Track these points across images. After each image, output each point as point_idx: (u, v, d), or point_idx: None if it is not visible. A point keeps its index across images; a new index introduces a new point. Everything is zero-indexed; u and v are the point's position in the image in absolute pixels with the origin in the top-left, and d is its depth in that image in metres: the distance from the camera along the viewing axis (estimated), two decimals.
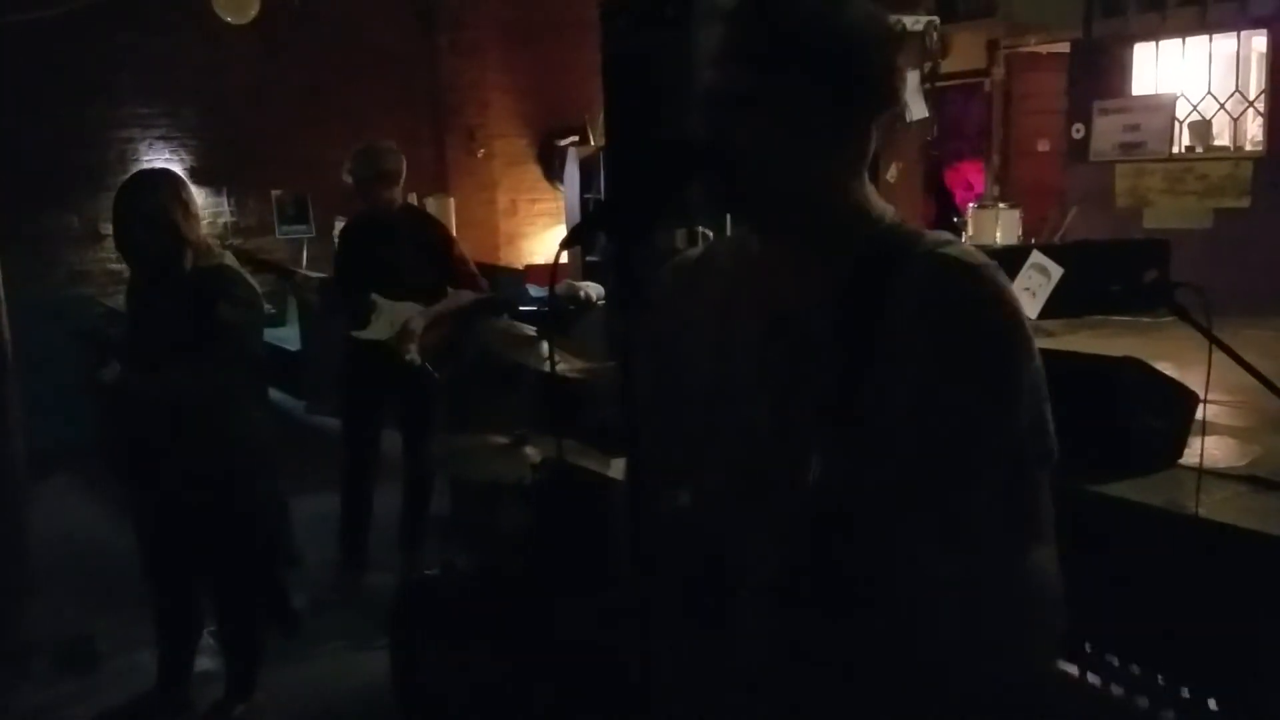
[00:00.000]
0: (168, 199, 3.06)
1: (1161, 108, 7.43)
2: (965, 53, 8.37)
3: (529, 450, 3.06)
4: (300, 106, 8.45)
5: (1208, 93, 7.39)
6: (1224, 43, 7.29)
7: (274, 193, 8.30)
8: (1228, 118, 7.38)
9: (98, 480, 5.42)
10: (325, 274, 4.77)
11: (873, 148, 1.27)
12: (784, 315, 1.27)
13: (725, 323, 1.33)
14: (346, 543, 4.48)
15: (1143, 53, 7.60)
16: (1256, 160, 7.02)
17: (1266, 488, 2.56)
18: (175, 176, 3.30)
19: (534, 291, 6.90)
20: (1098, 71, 7.77)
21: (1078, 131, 7.82)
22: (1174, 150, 7.42)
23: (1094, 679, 2.60)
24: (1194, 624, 2.34)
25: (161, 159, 8.00)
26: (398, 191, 4.43)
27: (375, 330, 4.31)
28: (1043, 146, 8.84)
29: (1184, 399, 2.65)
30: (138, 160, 7.86)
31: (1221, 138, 7.42)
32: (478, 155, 9.65)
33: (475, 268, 4.62)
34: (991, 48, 8.68)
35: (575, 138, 9.30)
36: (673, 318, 1.41)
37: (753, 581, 1.27)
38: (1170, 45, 7.48)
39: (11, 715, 3.48)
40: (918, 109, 5.84)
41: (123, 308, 3.56)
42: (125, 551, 3.43)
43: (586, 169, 8.45)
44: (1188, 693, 2.45)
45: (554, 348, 3.56)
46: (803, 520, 1.20)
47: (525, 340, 3.53)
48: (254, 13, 6.97)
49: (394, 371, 4.32)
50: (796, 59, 1.19)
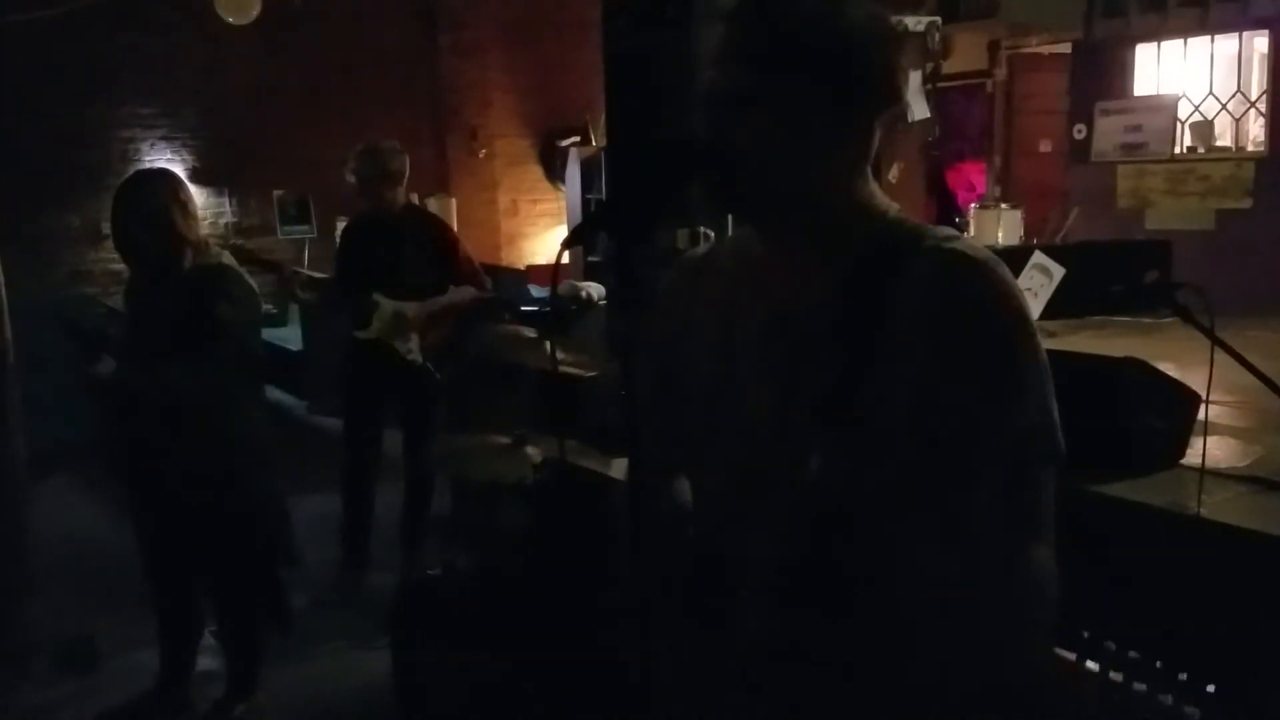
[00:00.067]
0: (166, 198, 3.06)
1: (1163, 108, 7.43)
2: (967, 53, 8.36)
3: (530, 450, 3.06)
4: (301, 106, 8.45)
5: (1209, 93, 7.39)
6: (1226, 43, 7.28)
7: (275, 193, 8.30)
8: (1229, 118, 7.38)
9: (98, 480, 5.42)
10: (326, 274, 4.77)
11: (875, 147, 1.26)
12: (786, 313, 1.26)
13: (728, 322, 1.33)
14: (347, 542, 4.49)
15: (1144, 53, 7.59)
16: (1258, 161, 7.01)
17: (1268, 488, 2.56)
18: (173, 176, 3.30)
19: (535, 292, 6.91)
20: (1099, 72, 7.77)
21: (1079, 132, 7.82)
22: (1175, 151, 7.42)
23: (1092, 665, 2.60)
24: (1196, 625, 2.33)
25: (163, 159, 8.01)
26: (401, 191, 4.43)
27: (377, 330, 4.31)
28: (1044, 147, 8.84)
29: (1185, 399, 2.66)
30: (139, 160, 7.86)
31: (1223, 138, 7.41)
32: (479, 155, 9.65)
33: (479, 267, 4.63)
34: (993, 48, 8.68)
35: (576, 138, 9.30)
36: (676, 317, 1.41)
37: (753, 580, 1.26)
38: (1172, 46, 7.48)
39: (11, 715, 3.48)
40: (919, 109, 5.84)
41: (123, 308, 3.56)
42: (125, 551, 3.43)
43: (588, 169, 8.46)
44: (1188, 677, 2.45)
45: (556, 348, 3.55)
46: (803, 519, 1.20)
47: (527, 340, 3.53)
48: (255, 13, 6.96)
49: (395, 371, 4.33)
50: (797, 59, 1.18)
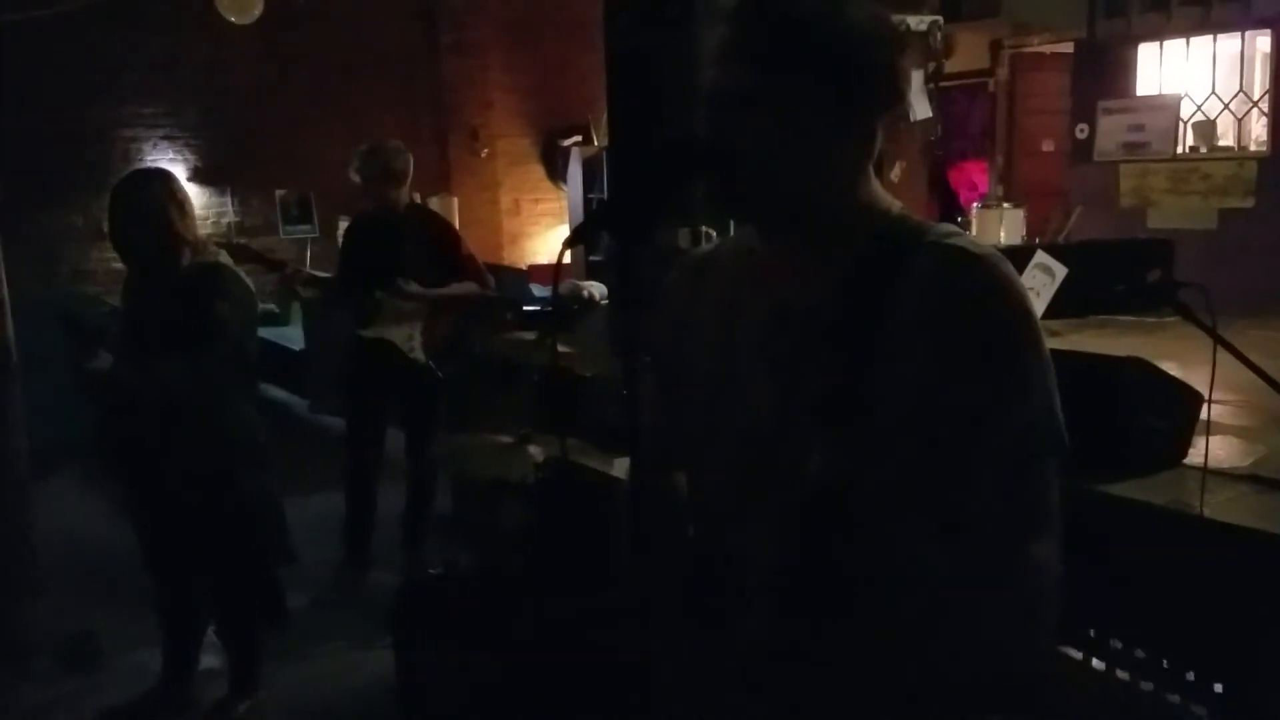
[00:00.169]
0: (163, 198, 3.08)
1: (1165, 108, 7.42)
2: (969, 53, 8.35)
3: (532, 449, 3.06)
4: (303, 106, 8.46)
5: (1212, 93, 7.38)
6: (1228, 43, 7.27)
7: (278, 192, 8.31)
8: (1232, 118, 7.37)
9: (99, 479, 5.42)
10: (328, 273, 4.77)
11: (878, 147, 1.26)
12: (788, 311, 1.27)
13: (729, 320, 1.33)
14: (349, 541, 4.49)
15: (1146, 53, 7.59)
16: (1261, 160, 7.01)
17: (1271, 488, 2.55)
18: (170, 175, 3.31)
19: (537, 291, 6.90)
20: (1102, 71, 7.76)
21: (1081, 131, 7.81)
22: (1178, 150, 7.41)
23: (1099, 664, 2.60)
24: (1199, 624, 2.33)
25: (165, 159, 8.02)
26: (405, 191, 4.43)
27: (379, 329, 4.32)
28: (1047, 146, 8.84)
29: (1188, 399, 2.65)
30: (141, 160, 7.87)
31: (1226, 138, 7.41)
32: (481, 155, 9.66)
33: (483, 266, 4.63)
34: (995, 48, 8.68)
35: (578, 137, 9.30)
36: (678, 315, 1.41)
37: (753, 579, 1.26)
38: (1174, 45, 7.47)
39: (12, 714, 3.48)
40: (922, 109, 5.84)
41: (120, 305, 3.57)
42: (127, 550, 3.43)
43: (589, 168, 8.46)
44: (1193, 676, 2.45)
45: (558, 346, 3.56)
46: (804, 517, 1.20)
47: (528, 340, 3.54)
48: (257, 13, 6.97)
49: (397, 370, 4.33)
50: (799, 58, 1.18)
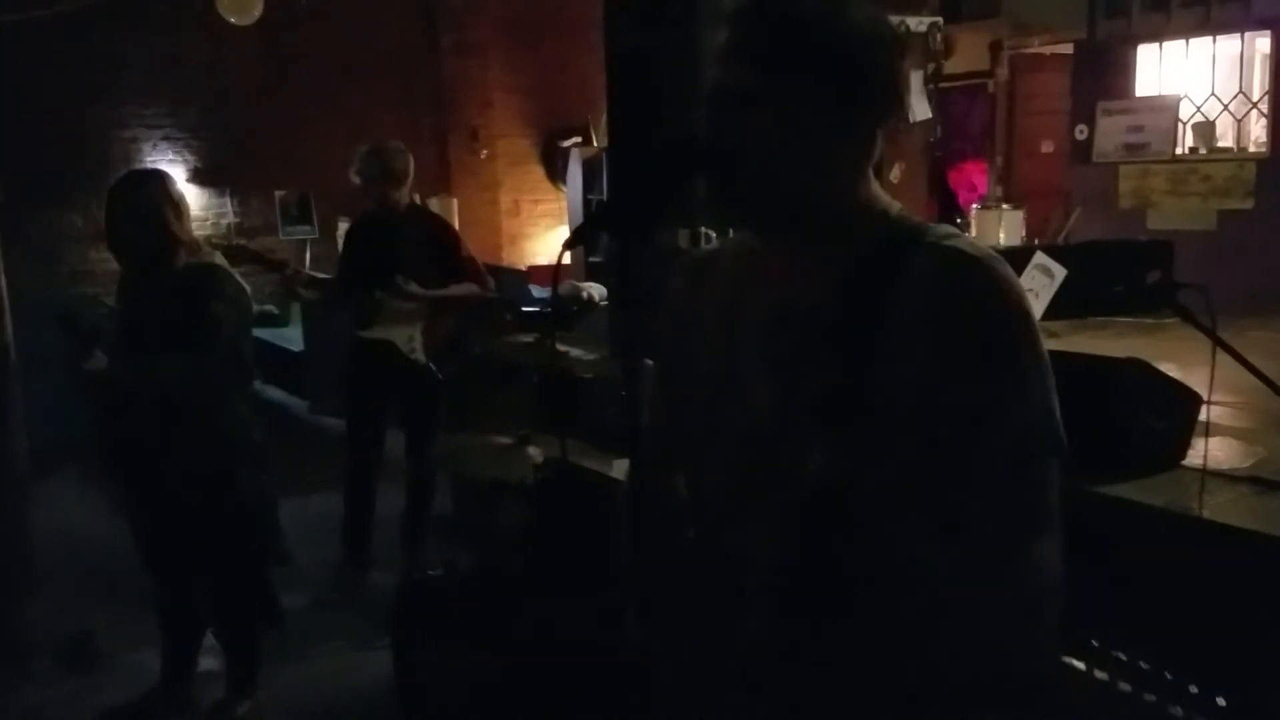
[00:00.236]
0: (158, 197, 3.09)
1: (1165, 109, 7.43)
2: (969, 54, 8.36)
3: (531, 450, 3.06)
4: (303, 107, 8.46)
5: (1211, 94, 7.38)
6: (1228, 44, 7.27)
7: (277, 193, 8.31)
8: (1231, 119, 7.37)
9: (99, 478, 5.42)
10: (328, 274, 4.77)
11: (878, 148, 1.27)
12: (787, 311, 1.27)
13: (729, 320, 1.33)
14: (349, 542, 4.49)
15: (1146, 54, 7.59)
16: (1260, 161, 7.01)
17: (1270, 489, 2.55)
18: (165, 175, 3.31)
19: (537, 292, 6.91)
20: (1101, 72, 7.76)
21: (1081, 132, 7.81)
22: (1178, 151, 7.41)
23: (1101, 675, 2.60)
24: (1198, 626, 2.33)
25: (165, 159, 8.01)
26: (405, 191, 4.43)
27: (379, 330, 4.32)
28: (1046, 147, 8.84)
29: (1187, 400, 2.65)
30: (141, 160, 7.86)
31: (1225, 139, 7.41)
32: (480, 156, 9.66)
33: (483, 267, 4.63)
34: (995, 49, 8.68)
35: (578, 138, 9.31)
36: (679, 316, 1.42)
37: (754, 578, 1.26)
38: (1174, 46, 7.47)
39: (13, 714, 3.48)
40: (921, 110, 5.85)
41: (115, 305, 3.57)
42: (127, 550, 3.43)
43: (589, 169, 8.46)
44: (1195, 689, 2.45)
45: (557, 347, 3.56)
46: (804, 517, 1.20)
47: (528, 341, 3.53)
48: (257, 13, 6.96)
49: (397, 371, 4.33)
50: (800, 59, 1.19)
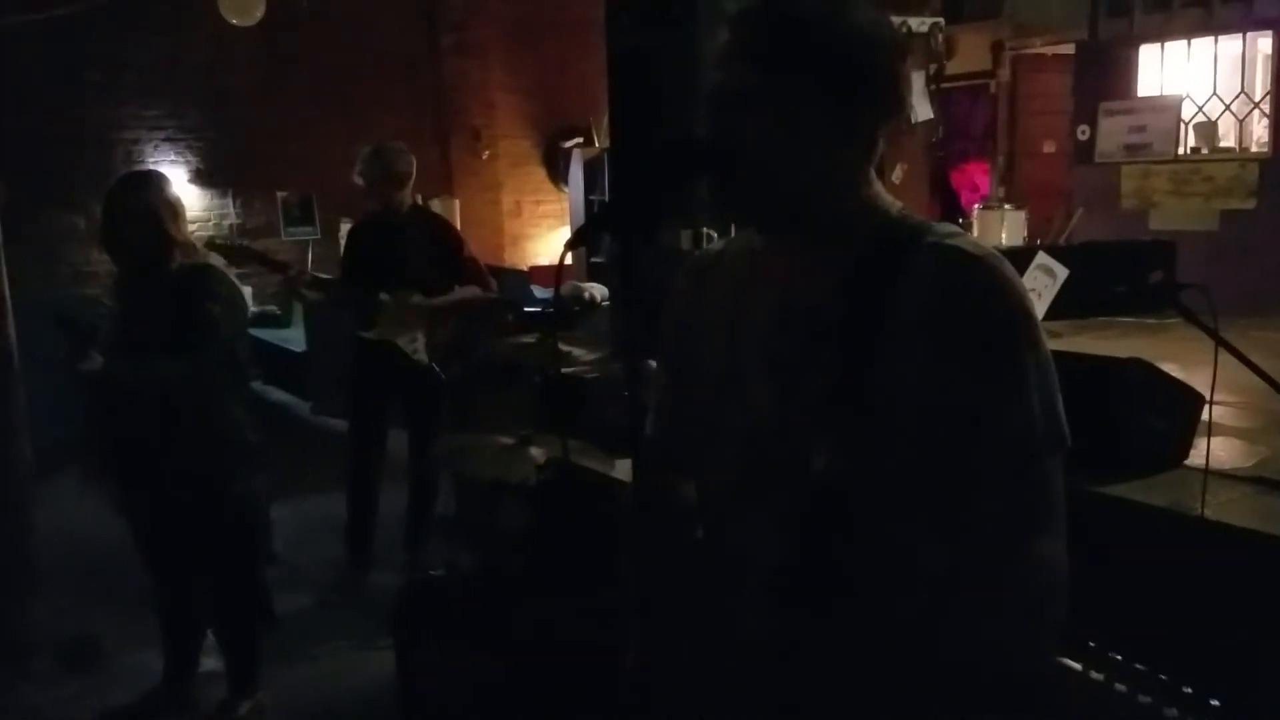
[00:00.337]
0: (155, 198, 3.10)
1: (1167, 109, 7.42)
2: (971, 54, 8.36)
3: (533, 450, 3.06)
4: (305, 108, 8.46)
5: (1213, 94, 7.38)
6: (1229, 44, 7.27)
7: (279, 194, 8.31)
8: (1233, 119, 7.37)
9: (100, 479, 5.42)
10: (330, 275, 4.77)
11: (879, 148, 1.27)
12: (790, 311, 1.27)
13: (732, 320, 1.33)
14: (351, 542, 4.49)
15: (1148, 54, 7.59)
16: (1262, 162, 7.00)
17: (1272, 489, 2.55)
18: (162, 177, 3.32)
19: (539, 292, 6.92)
20: (1103, 73, 7.76)
21: (1083, 133, 7.81)
22: (1179, 151, 7.41)
23: (1097, 676, 2.60)
24: (1199, 625, 2.33)
25: (167, 160, 8.02)
26: (407, 192, 4.44)
27: (382, 330, 4.32)
28: (1048, 148, 8.84)
29: (1189, 400, 2.65)
30: (143, 161, 7.87)
31: (1227, 139, 7.41)
32: (482, 157, 9.66)
33: (485, 268, 4.63)
34: (997, 49, 8.68)
35: (580, 139, 9.31)
36: (684, 315, 1.42)
37: (756, 577, 1.26)
38: (1175, 46, 7.47)
39: (13, 714, 3.49)
40: (923, 110, 5.85)
41: (111, 304, 3.57)
42: (127, 550, 3.44)
43: (591, 170, 8.47)
44: (1190, 691, 2.44)
45: (560, 347, 3.56)
46: (807, 516, 1.20)
47: (530, 342, 3.54)
48: (259, 14, 6.96)
49: (400, 371, 4.33)
50: (800, 59, 1.19)
